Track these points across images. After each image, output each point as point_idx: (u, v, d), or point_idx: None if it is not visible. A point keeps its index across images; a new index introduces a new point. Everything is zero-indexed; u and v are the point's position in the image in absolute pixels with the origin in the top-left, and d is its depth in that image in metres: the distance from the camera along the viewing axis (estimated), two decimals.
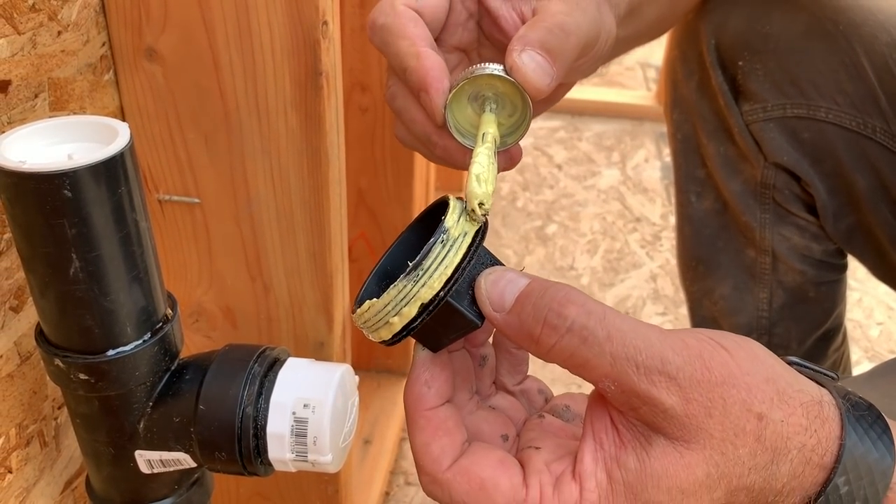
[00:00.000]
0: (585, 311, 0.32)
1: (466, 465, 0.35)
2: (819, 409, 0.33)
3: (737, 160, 0.78)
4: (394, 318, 0.35)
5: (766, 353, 0.34)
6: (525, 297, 0.33)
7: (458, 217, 0.35)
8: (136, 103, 0.55)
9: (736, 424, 0.32)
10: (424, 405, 0.36)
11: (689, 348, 0.32)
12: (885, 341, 1.36)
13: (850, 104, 0.70)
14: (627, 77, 2.32)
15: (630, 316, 0.33)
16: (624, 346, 0.31)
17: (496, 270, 0.35)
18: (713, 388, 0.32)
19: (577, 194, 1.76)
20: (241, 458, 0.43)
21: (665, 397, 0.31)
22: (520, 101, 0.43)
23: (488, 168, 0.39)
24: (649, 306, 1.42)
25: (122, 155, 0.37)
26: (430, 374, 0.36)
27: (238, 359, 0.44)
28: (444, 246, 0.34)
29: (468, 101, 0.43)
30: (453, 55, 0.48)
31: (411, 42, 0.42)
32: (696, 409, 0.31)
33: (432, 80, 0.41)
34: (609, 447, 0.33)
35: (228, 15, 0.51)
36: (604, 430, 0.34)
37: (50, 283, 0.38)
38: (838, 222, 0.76)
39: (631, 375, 0.31)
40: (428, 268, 0.34)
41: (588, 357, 0.32)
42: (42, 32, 0.45)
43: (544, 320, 0.32)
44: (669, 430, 0.32)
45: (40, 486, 0.49)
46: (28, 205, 0.36)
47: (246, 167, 0.56)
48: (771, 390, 0.32)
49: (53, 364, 0.40)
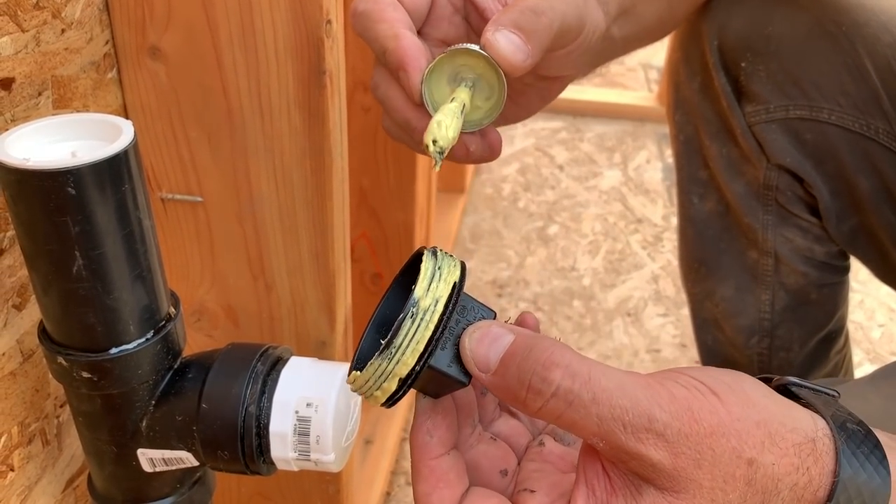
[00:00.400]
0: (570, 373, 0.32)
1: None
2: (812, 446, 0.33)
3: (739, 162, 0.78)
4: (377, 392, 0.35)
5: (758, 393, 0.34)
6: (509, 359, 0.33)
7: (429, 284, 0.35)
8: (140, 102, 0.55)
9: (726, 472, 0.32)
10: (428, 455, 0.36)
11: (677, 401, 0.32)
12: (886, 343, 1.36)
13: (853, 105, 0.70)
14: (629, 78, 2.32)
15: (617, 370, 0.33)
16: (610, 407, 0.31)
17: (480, 328, 0.35)
18: (702, 440, 0.32)
19: (578, 195, 1.76)
20: (244, 457, 0.43)
21: (653, 453, 0.31)
22: (496, 82, 0.43)
23: (450, 118, 0.40)
24: (651, 307, 1.42)
25: (126, 153, 0.37)
26: (431, 423, 0.36)
27: (241, 357, 0.44)
28: (413, 321, 0.34)
29: (447, 82, 0.44)
30: (440, 49, 0.48)
31: (389, 25, 0.43)
32: (685, 462, 0.32)
33: (410, 58, 0.42)
34: (601, 494, 0.34)
35: (232, 13, 0.51)
36: (595, 477, 0.34)
37: (53, 280, 0.38)
38: (841, 224, 0.76)
39: (619, 434, 0.31)
40: (399, 345, 0.34)
41: (575, 419, 0.32)
42: (46, 30, 0.45)
43: (528, 385, 0.32)
44: (659, 482, 0.32)
45: (42, 484, 0.49)
46: (31, 202, 0.36)
47: (249, 166, 0.56)
48: (762, 434, 0.32)
49: (56, 362, 0.40)
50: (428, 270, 0.35)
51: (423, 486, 0.36)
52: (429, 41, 0.47)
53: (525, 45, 0.42)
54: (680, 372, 0.34)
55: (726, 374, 0.34)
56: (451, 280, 0.35)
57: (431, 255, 0.36)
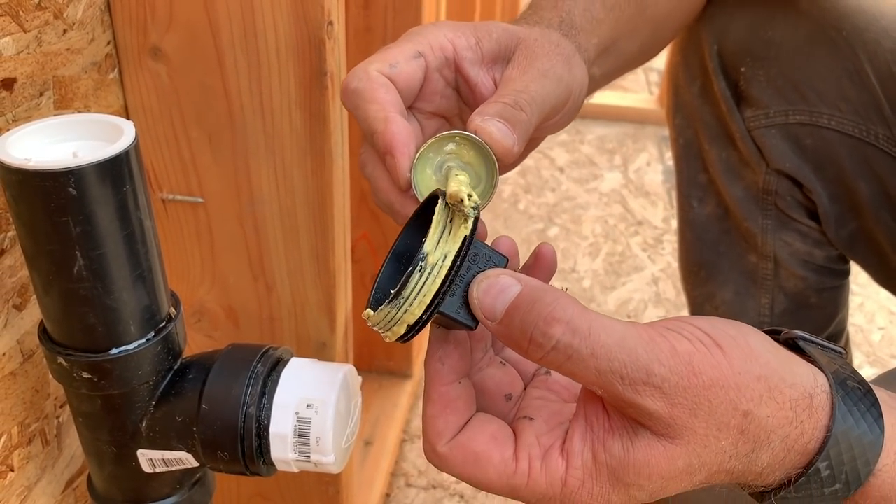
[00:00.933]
0: (570, 329, 0.33)
1: (463, 441, 0.37)
2: (809, 402, 0.34)
3: (739, 166, 0.78)
4: (387, 332, 0.37)
5: (762, 347, 0.35)
6: (514, 310, 0.34)
7: (439, 238, 0.36)
8: (141, 102, 0.55)
9: (720, 421, 0.33)
10: (439, 381, 0.38)
11: (678, 355, 0.33)
12: (886, 346, 1.36)
13: (853, 111, 0.70)
14: (630, 80, 2.32)
15: (619, 322, 0.34)
16: (609, 361, 0.32)
17: (489, 276, 0.36)
18: (699, 392, 0.33)
19: (578, 197, 1.76)
20: (244, 458, 0.43)
21: (650, 403, 0.33)
22: (484, 170, 0.42)
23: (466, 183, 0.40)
24: (651, 309, 1.42)
25: (128, 153, 0.37)
26: (443, 352, 0.38)
27: (241, 358, 0.44)
28: (421, 275, 0.35)
29: (433, 171, 0.43)
30: (433, 121, 0.49)
31: (381, 107, 0.43)
32: (681, 411, 0.33)
33: (398, 143, 0.42)
34: (598, 430, 0.35)
35: (234, 14, 0.51)
36: (595, 413, 0.35)
37: (54, 280, 0.38)
38: (840, 229, 0.76)
39: (616, 386, 0.33)
40: (407, 297, 0.35)
41: (573, 370, 0.33)
42: (47, 30, 0.45)
43: (530, 338, 0.33)
44: (655, 428, 0.33)
45: (42, 484, 0.49)
46: (33, 202, 0.36)
47: (250, 167, 0.56)
48: (761, 387, 0.33)
49: (56, 362, 0.41)
50: (439, 224, 0.36)
51: (430, 408, 0.37)
52: (421, 114, 0.48)
53: (512, 132, 0.43)
54: (685, 321, 0.35)
55: (731, 326, 0.35)
56: (462, 234, 0.36)
57: (445, 207, 0.37)
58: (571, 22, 0.54)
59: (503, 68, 0.47)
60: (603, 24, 0.57)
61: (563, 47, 0.50)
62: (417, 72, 0.46)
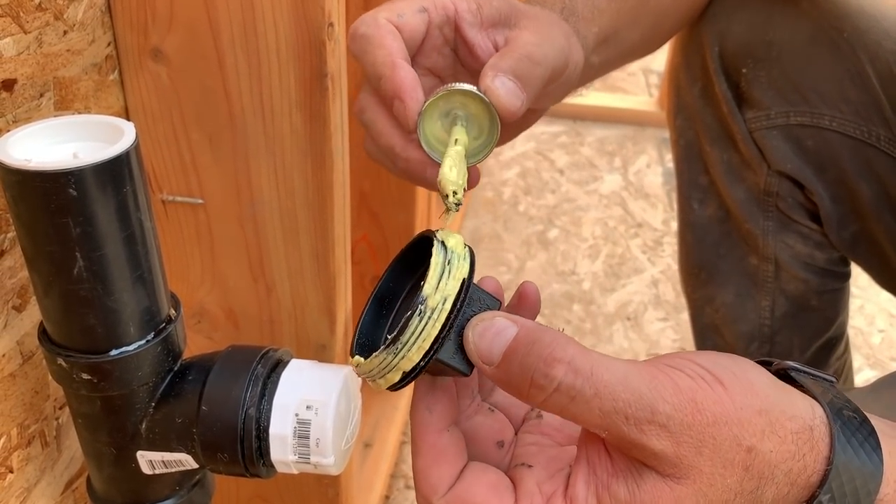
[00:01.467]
0: (572, 369, 0.32)
1: (460, 493, 0.36)
2: (810, 434, 0.34)
3: (740, 167, 0.78)
4: (379, 380, 0.36)
5: (762, 380, 0.34)
6: (512, 354, 0.33)
7: (438, 281, 0.35)
8: (141, 103, 0.55)
9: (725, 458, 0.32)
10: (427, 430, 0.36)
11: (681, 392, 0.33)
12: (886, 348, 1.36)
13: (855, 112, 0.70)
14: (629, 82, 2.32)
15: (620, 360, 0.33)
16: (613, 401, 0.32)
17: (484, 320, 0.35)
18: (704, 429, 0.32)
19: (578, 199, 1.76)
20: (244, 460, 0.43)
21: (655, 443, 0.32)
22: (487, 125, 0.45)
23: (459, 164, 0.41)
24: (650, 311, 1.42)
25: (128, 154, 0.37)
26: (431, 398, 0.37)
27: (241, 360, 0.44)
28: (421, 319, 0.34)
29: (438, 117, 0.45)
30: (427, 78, 0.50)
31: (388, 53, 0.44)
32: (687, 450, 0.32)
33: (407, 88, 0.43)
34: (601, 474, 0.34)
35: (234, 16, 0.51)
36: (597, 456, 0.34)
37: (54, 282, 0.38)
38: (842, 230, 0.76)
39: (621, 426, 0.32)
40: (406, 342, 0.34)
41: (577, 413, 0.32)
42: (48, 31, 0.45)
43: (531, 381, 0.33)
44: (661, 468, 0.32)
45: (41, 486, 0.49)
46: (33, 203, 0.36)
47: (250, 168, 0.56)
48: (763, 422, 0.33)
49: (56, 363, 0.40)
50: (438, 266, 0.35)
51: (421, 461, 0.36)
52: (418, 69, 0.49)
53: (521, 92, 0.44)
54: (685, 358, 0.34)
55: (730, 361, 0.35)
56: (460, 276, 0.35)
57: (441, 248, 0.36)
58: (573, 9, 0.54)
59: (503, 33, 0.48)
60: (604, 14, 0.57)
61: (562, 25, 0.51)
62: (421, 25, 0.47)
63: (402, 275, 0.40)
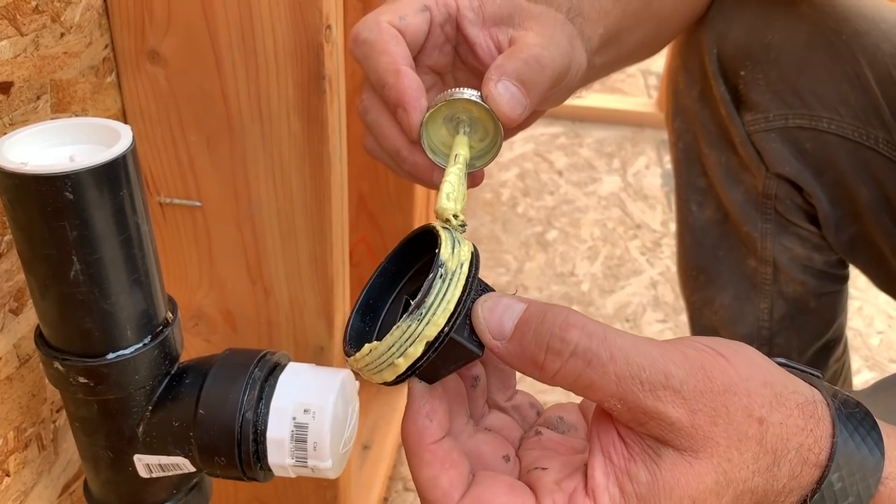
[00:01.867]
0: (587, 333, 0.32)
1: (479, 495, 0.35)
2: (814, 408, 0.34)
3: (738, 170, 0.78)
4: (398, 359, 0.34)
5: (760, 357, 0.35)
6: (525, 324, 0.33)
7: (452, 248, 0.35)
8: (139, 106, 0.55)
9: (739, 430, 0.32)
10: (428, 439, 0.36)
11: (690, 360, 0.33)
12: (885, 350, 1.36)
13: (853, 115, 0.70)
14: (628, 84, 2.32)
15: (628, 332, 0.33)
16: (628, 364, 0.32)
17: (491, 297, 0.35)
18: (716, 397, 0.32)
19: (577, 200, 1.76)
20: (241, 464, 0.43)
21: (671, 411, 0.32)
22: (492, 127, 0.45)
23: (458, 187, 0.41)
24: (649, 313, 1.42)
25: (125, 157, 0.37)
26: (430, 407, 0.36)
27: (238, 363, 0.44)
28: (443, 281, 0.34)
29: (443, 121, 0.45)
30: (428, 76, 0.50)
31: (392, 59, 0.44)
32: (702, 419, 0.32)
33: (410, 98, 0.43)
34: (619, 461, 0.34)
35: (232, 18, 0.51)
36: (611, 444, 0.34)
37: (50, 285, 0.38)
38: (840, 233, 0.76)
39: (637, 392, 0.32)
40: (430, 305, 0.33)
41: (593, 379, 0.32)
42: (45, 34, 0.45)
43: (547, 346, 0.32)
44: (677, 442, 0.32)
45: (38, 489, 0.49)
46: (29, 206, 0.36)
47: (248, 171, 0.56)
48: (769, 394, 0.33)
49: (53, 367, 0.40)
50: (448, 237, 0.35)
51: (427, 470, 0.35)
52: (420, 68, 0.48)
53: (525, 98, 0.44)
54: (688, 338, 0.35)
55: (731, 342, 0.35)
56: (469, 250, 0.36)
57: (446, 230, 0.36)
58: (580, 9, 0.54)
59: (506, 32, 0.47)
60: (609, 16, 0.57)
61: (567, 27, 0.50)
62: (423, 25, 0.46)
63: (389, 284, 0.39)
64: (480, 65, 0.47)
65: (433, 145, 0.46)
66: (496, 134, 0.45)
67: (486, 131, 0.46)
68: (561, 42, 0.48)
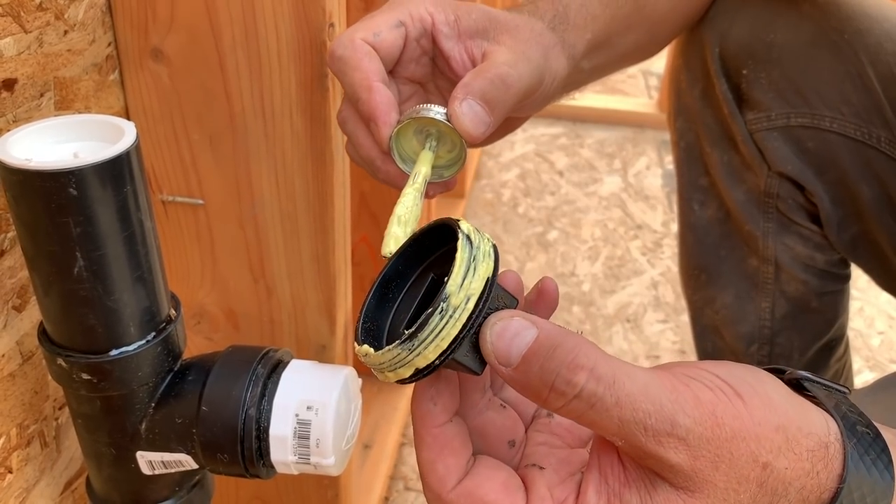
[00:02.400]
0: (595, 377, 0.31)
1: (471, 488, 0.35)
2: (825, 452, 0.33)
3: (740, 169, 0.78)
4: (389, 373, 0.34)
5: (778, 396, 0.34)
6: (532, 357, 0.32)
7: (463, 278, 0.33)
8: (142, 104, 0.55)
9: (740, 474, 0.32)
10: (432, 422, 0.35)
11: (702, 405, 0.32)
12: (886, 350, 1.36)
13: (855, 114, 0.70)
14: (629, 84, 2.32)
15: (642, 369, 0.32)
16: (633, 411, 0.31)
17: (502, 318, 0.33)
18: (722, 444, 0.32)
19: (578, 201, 1.76)
20: (244, 460, 0.43)
21: (672, 456, 0.31)
22: (458, 140, 0.47)
23: (411, 209, 0.42)
24: (650, 313, 1.42)
25: (128, 154, 0.37)
26: (435, 390, 0.36)
27: (241, 360, 0.44)
28: (442, 317, 0.33)
29: (413, 133, 0.48)
30: (408, 86, 0.52)
31: (364, 75, 0.46)
32: (704, 464, 0.32)
33: (381, 113, 0.46)
34: (613, 483, 0.33)
35: (235, 17, 0.51)
36: (609, 465, 0.34)
37: (54, 281, 0.38)
38: (842, 232, 0.76)
39: (639, 437, 0.31)
40: (424, 339, 0.33)
41: (595, 420, 0.32)
42: (48, 31, 0.45)
43: (552, 385, 0.32)
44: (675, 481, 0.32)
45: (40, 486, 0.49)
46: (33, 203, 0.36)
47: (250, 169, 0.56)
48: (780, 439, 0.33)
49: (56, 363, 0.40)
50: (463, 263, 0.33)
51: (427, 453, 0.35)
52: (397, 79, 0.51)
53: (488, 116, 0.46)
54: (703, 369, 0.34)
55: (748, 373, 0.34)
56: (485, 275, 0.34)
57: (467, 244, 0.34)
58: (565, 16, 0.55)
59: (480, 46, 0.50)
60: (598, 21, 0.57)
61: (544, 37, 0.52)
62: (398, 40, 0.49)
63: (413, 259, 0.38)
64: (455, 77, 0.49)
65: (404, 154, 0.48)
66: (462, 147, 0.47)
67: (453, 143, 0.48)
68: (533, 56, 0.50)
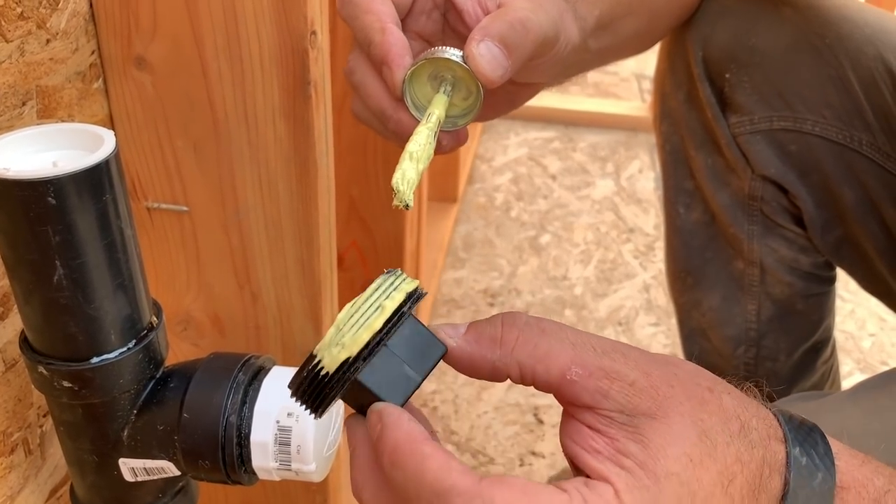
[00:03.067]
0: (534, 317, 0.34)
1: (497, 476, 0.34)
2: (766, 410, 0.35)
3: (724, 172, 0.79)
4: None
5: None
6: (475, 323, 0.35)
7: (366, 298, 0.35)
8: (126, 111, 0.55)
9: (694, 394, 0.33)
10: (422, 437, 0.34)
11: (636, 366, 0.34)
12: (876, 352, 1.36)
13: (837, 117, 0.71)
14: (622, 88, 2.32)
15: None
16: (578, 334, 0.34)
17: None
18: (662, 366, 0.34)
19: (570, 204, 1.76)
20: (225, 467, 0.43)
21: (627, 371, 0.33)
22: (474, 87, 0.45)
23: (424, 147, 0.42)
24: (642, 316, 1.42)
25: (108, 162, 0.37)
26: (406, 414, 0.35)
27: (223, 367, 0.44)
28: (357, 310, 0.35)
29: (427, 79, 0.46)
30: (416, 42, 0.50)
31: (377, 17, 0.44)
32: (658, 380, 0.33)
33: (394, 55, 0.44)
34: (604, 448, 0.33)
35: (217, 24, 0.52)
36: (589, 438, 0.34)
37: (34, 290, 0.38)
38: (826, 235, 0.76)
39: (591, 354, 0.33)
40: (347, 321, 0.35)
41: (551, 344, 0.33)
42: (30, 40, 0.45)
43: (501, 322, 0.34)
44: (644, 406, 0.32)
45: (24, 494, 0.49)
46: (12, 212, 0.36)
47: (234, 176, 0.57)
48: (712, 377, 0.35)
49: (37, 371, 0.41)
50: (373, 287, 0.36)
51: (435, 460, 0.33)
52: (407, 33, 0.48)
53: (506, 59, 0.43)
54: None
55: None
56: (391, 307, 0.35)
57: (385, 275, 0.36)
58: None
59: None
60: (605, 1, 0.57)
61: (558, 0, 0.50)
62: None
63: None
64: (468, 31, 0.47)
65: (417, 102, 0.46)
66: (478, 94, 0.45)
67: (468, 91, 0.46)
68: (550, 10, 0.47)
